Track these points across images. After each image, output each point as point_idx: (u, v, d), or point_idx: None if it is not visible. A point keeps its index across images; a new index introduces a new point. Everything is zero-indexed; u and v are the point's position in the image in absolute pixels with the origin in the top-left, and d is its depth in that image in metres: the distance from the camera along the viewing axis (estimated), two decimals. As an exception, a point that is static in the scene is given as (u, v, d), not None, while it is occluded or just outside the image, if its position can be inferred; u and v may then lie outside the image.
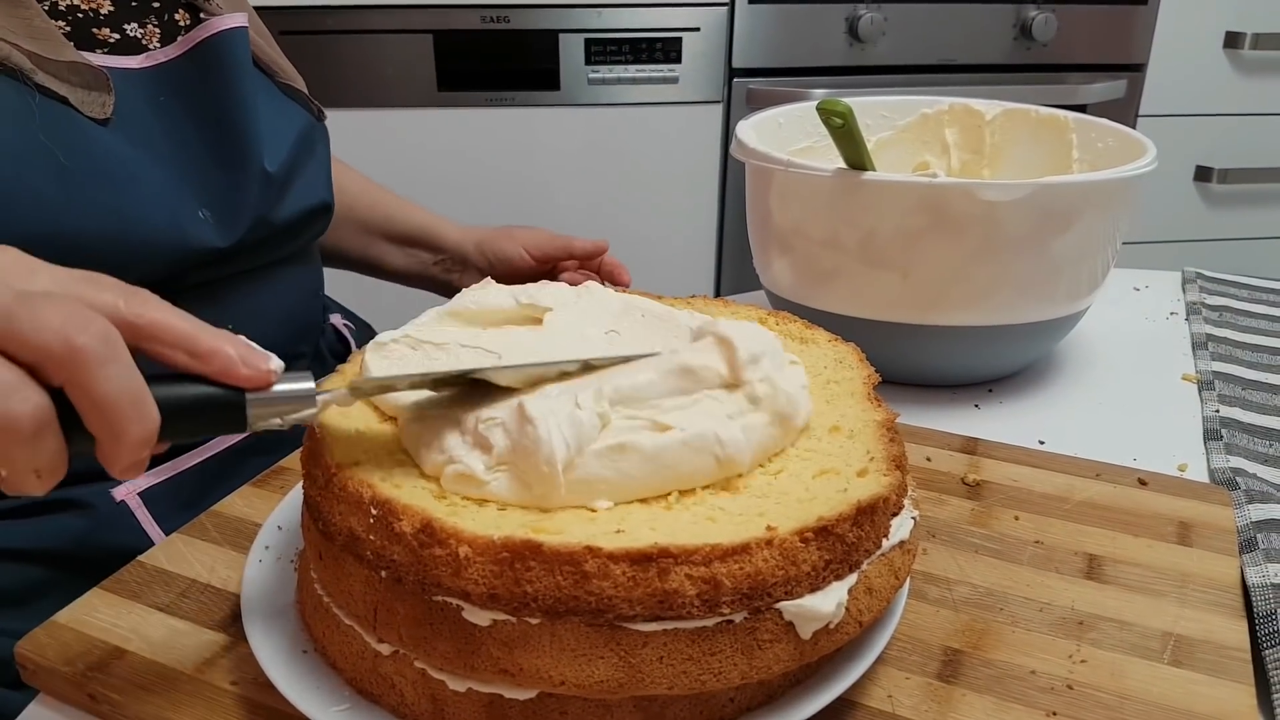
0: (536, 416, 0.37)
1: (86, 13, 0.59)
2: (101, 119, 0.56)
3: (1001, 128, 0.82)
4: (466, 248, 0.89)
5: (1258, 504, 0.55)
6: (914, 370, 0.71)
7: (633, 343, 0.46)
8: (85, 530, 0.57)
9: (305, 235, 0.70)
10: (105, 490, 0.57)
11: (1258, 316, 0.85)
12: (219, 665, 0.42)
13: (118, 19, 0.60)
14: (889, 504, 0.39)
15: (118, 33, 0.60)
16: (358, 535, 0.37)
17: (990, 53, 1.60)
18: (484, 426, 0.38)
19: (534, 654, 0.35)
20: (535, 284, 0.51)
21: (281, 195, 0.65)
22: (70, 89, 0.54)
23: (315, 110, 0.72)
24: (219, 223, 0.60)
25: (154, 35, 0.62)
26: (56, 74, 0.54)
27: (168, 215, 0.57)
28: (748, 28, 1.51)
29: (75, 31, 0.58)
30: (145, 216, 0.56)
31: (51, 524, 0.56)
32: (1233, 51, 1.68)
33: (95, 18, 0.59)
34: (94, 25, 0.59)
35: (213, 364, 0.34)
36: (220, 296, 0.63)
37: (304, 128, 0.68)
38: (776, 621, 0.36)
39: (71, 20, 0.58)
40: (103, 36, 0.59)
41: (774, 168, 0.68)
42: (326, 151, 0.73)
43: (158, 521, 0.58)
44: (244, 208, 0.61)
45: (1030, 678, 0.42)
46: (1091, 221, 0.66)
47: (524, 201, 1.57)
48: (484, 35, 1.46)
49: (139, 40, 0.61)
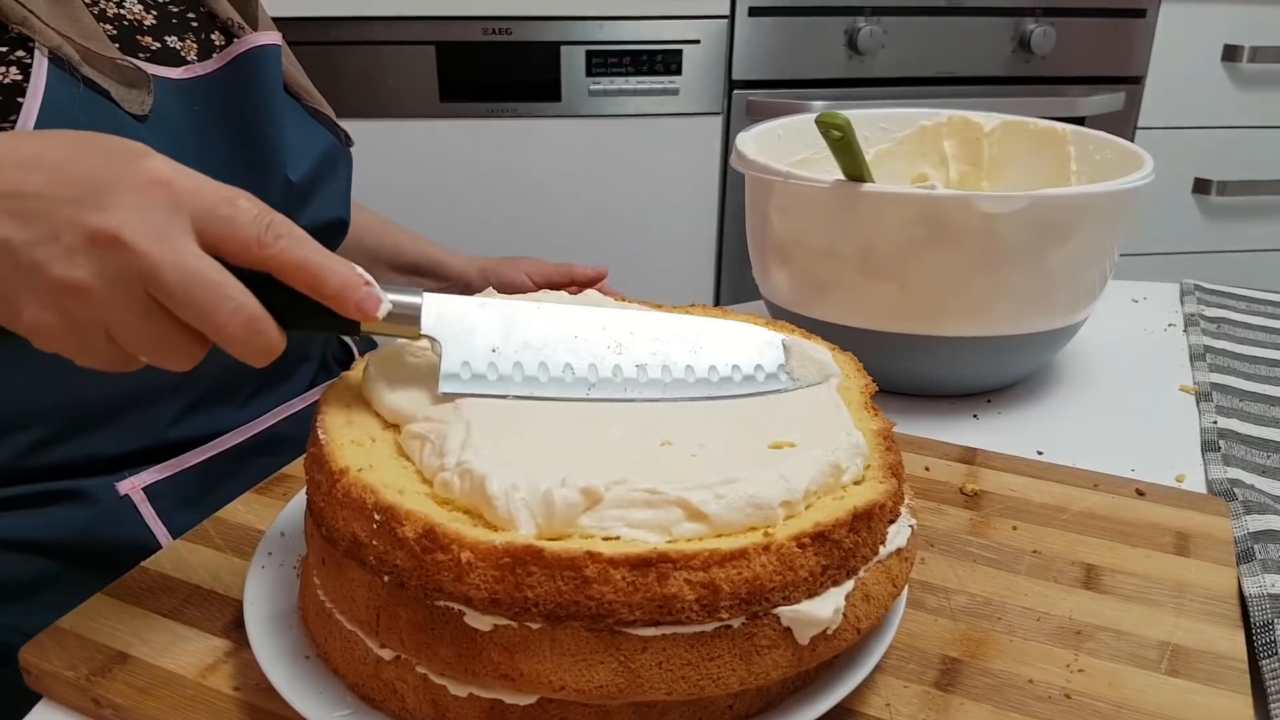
0: (496, 495, 0.36)
1: (132, 22, 0.61)
2: (140, 115, 0.57)
3: (1000, 140, 0.83)
4: (470, 275, 0.93)
5: (1255, 515, 0.55)
6: (913, 381, 0.71)
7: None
8: (89, 523, 0.57)
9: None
10: (109, 484, 0.58)
11: (1256, 328, 0.85)
12: (222, 671, 0.43)
13: (159, 31, 0.63)
14: (885, 510, 0.39)
15: (159, 42, 0.62)
16: (360, 541, 0.37)
17: (989, 65, 1.61)
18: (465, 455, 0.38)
19: (535, 659, 0.35)
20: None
21: (301, 206, 0.66)
22: (113, 84, 0.56)
23: (342, 136, 0.74)
24: None
25: (192, 49, 0.64)
26: (102, 69, 0.56)
27: None
28: (748, 40, 1.52)
29: (120, 35, 0.60)
30: None
31: (55, 516, 0.57)
32: (1231, 64, 1.68)
33: (139, 26, 0.61)
34: (138, 33, 0.61)
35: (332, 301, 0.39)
36: None
37: (328, 148, 0.70)
38: (774, 627, 0.36)
39: (118, 26, 0.60)
40: (145, 44, 0.61)
41: (773, 179, 0.69)
42: (348, 174, 0.75)
43: (161, 517, 0.59)
44: None
45: (1028, 687, 0.43)
46: (1089, 233, 0.66)
47: (525, 212, 1.57)
48: (486, 47, 1.47)
49: (178, 52, 0.63)
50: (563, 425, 0.41)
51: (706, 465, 0.38)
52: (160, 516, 0.59)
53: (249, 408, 0.66)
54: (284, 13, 1.38)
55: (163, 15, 0.63)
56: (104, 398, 0.58)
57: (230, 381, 0.64)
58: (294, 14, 1.39)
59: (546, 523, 0.35)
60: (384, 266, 0.93)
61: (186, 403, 0.62)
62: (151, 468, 0.60)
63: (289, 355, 0.69)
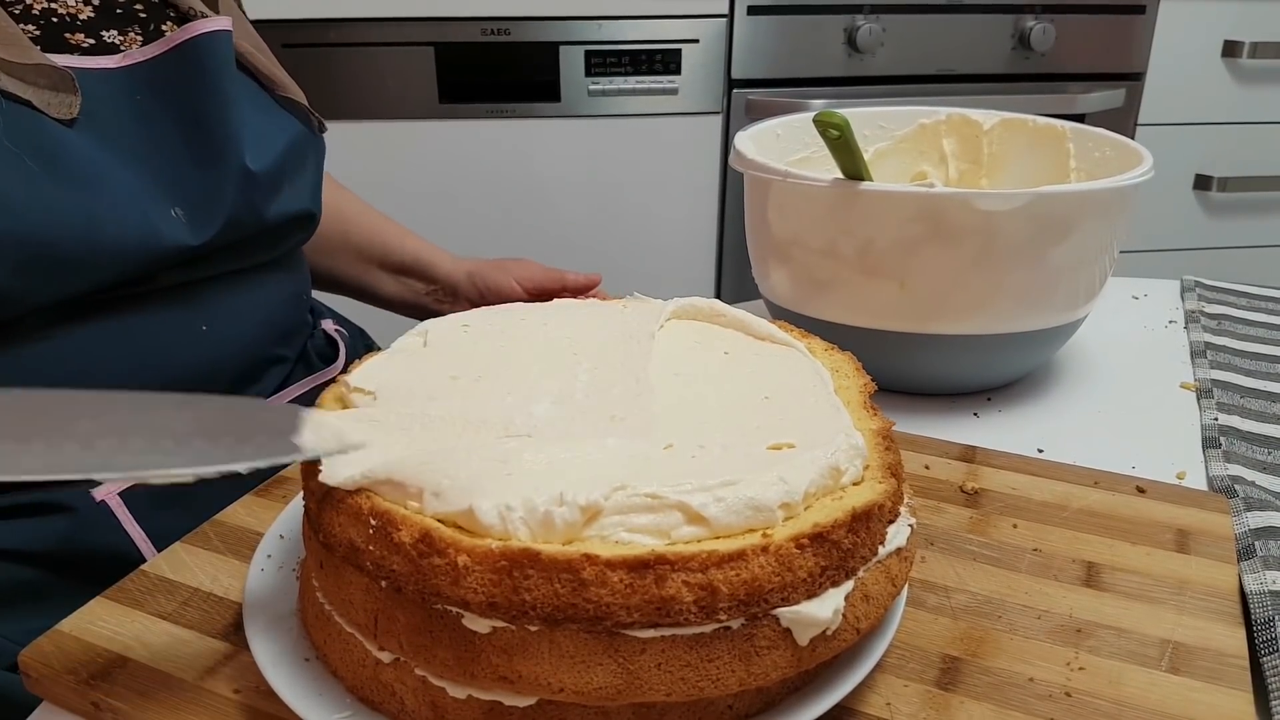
0: (491, 524, 0.35)
1: (63, 17, 0.59)
2: (67, 119, 0.56)
3: (999, 138, 0.83)
4: (458, 278, 0.91)
5: (1256, 511, 0.55)
6: (913, 379, 0.71)
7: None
8: (67, 531, 0.57)
9: (287, 241, 0.70)
10: (85, 492, 0.58)
11: (1256, 324, 0.85)
12: (221, 673, 0.43)
13: (96, 25, 0.60)
14: (884, 511, 0.39)
15: (93, 38, 0.60)
16: (357, 546, 0.37)
17: (989, 63, 1.61)
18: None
19: (533, 661, 0.35)
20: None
21: (265, 197, 0.64)
22: (35, 91, 0.54)
23: (316, 123, 0.72)
24: (191, 221, 0.60)
25: (135, 41, 0.61)
26: (22, 77, 0.54)
27: (138, 214, 0.57)
28: (747, 39, 1.52)
29: (45, 35, 0.58)
30: (115, 216, 0.56)
31: (33, 526, 0.56)
32: (1231, 60, 1.68)
33: (72, 23, 0.59)
34: (68, 30, 0.59)
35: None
36: (197, 297, 0.63)
37: (296, 137, 0.68)
38: (774, 628, 0.36)
39: (44, 24, 0.58)
40: (76, 41, 0.59)
41: (772, 178, 0.69)
42: (318, 164, 0.73)
43: (138, 521, 0.59)
44: (218, 205, 0.61)
45: (1028, 685, 0.43)
46: (1089, 231, 0.66)
47: (525, 212, 1.57)
48: (485, 48, 1.47)
49: (116, 45, 0.61)
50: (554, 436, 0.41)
51: (706, 468, 0.38)
52: (138, 520, 0.59)
53: None
54: (283, 15, 1.38)
55: (104, 6, 0.60)
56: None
57: (200, 391, 0.64)
58: (293, 16, 1.39)
59: (545, 537, 0.35)
60: (372, 264, 0.92)
61: None
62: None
63: (257, 358, 0.68)
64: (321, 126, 0.73)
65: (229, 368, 0.65)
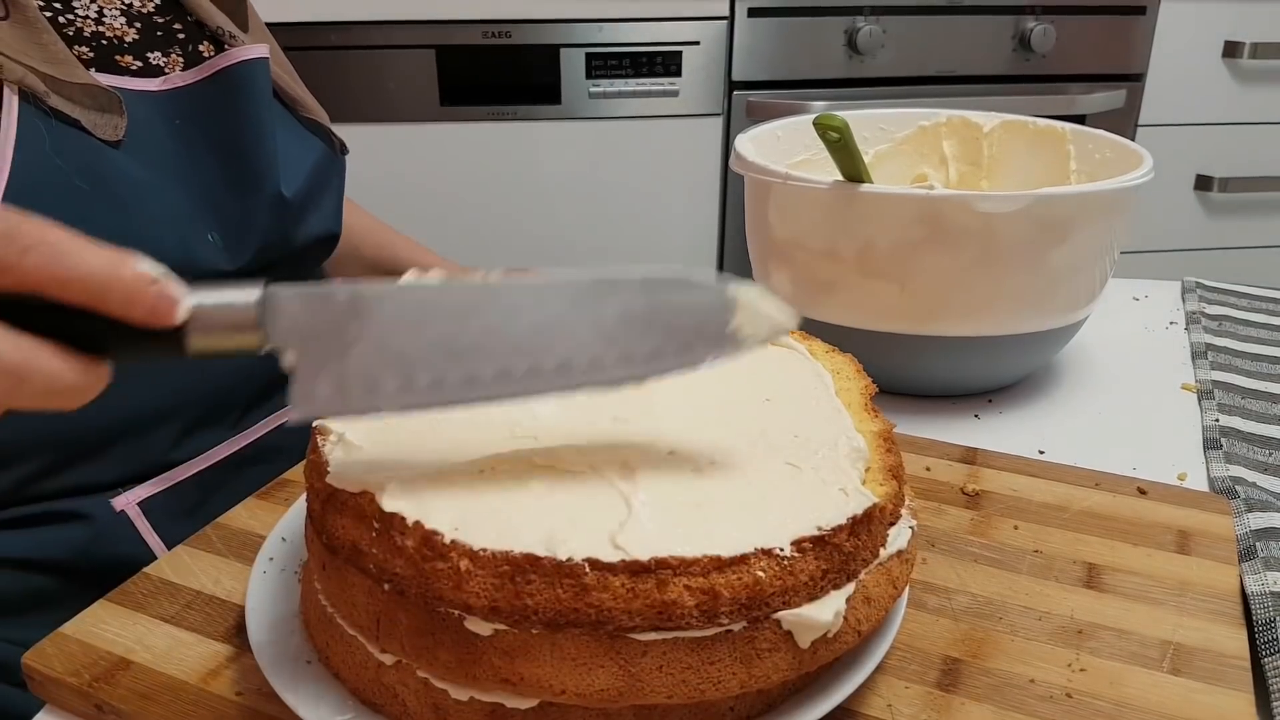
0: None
1: (111, 40, 0.60)
2: (113, 141, 0.56)
3: (999, 139, 0.83)
4: None
5: (1257, 512, 0.55)
6: (913, 381, 0.71)
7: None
8: (86, 540, 0.57)
9: (311, 262, 0.72)
10: (105, 501, 0.58)
11: (1257, 325, 0.85)
12: (224, 675, 0.43)
13: (141, 47, 0.61)
14: (885, 514, 0.39)
15: (140, 60, 0.61)
16: (360, 549, 0.37)
17: (989, 64, 1.61)
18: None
19: (535, 663, 0.35)
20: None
21: (295, 222, 0.66)
22: (83, 111, 0.55)
23: (337, 144, 0.73)
24: (227, 246, 0.61)
25: (177, 64, 0.62)
26: (71, 97, 0.55)
27: (176, 238, 0.58)
28: (747, 41, 1.52)
29: (98, 57, 0.59)
30: (153, 237, 0.56)
31: (52, 534, 0.57)
32: (1231, 61, 1.68)
33: (120, 45, 0.60)
34: (117, 52, 0.60)
35: (119, 313, 0.33)
36: None
37: (321, 159, 0.69)
38: (775, 631, 0.36)
39: (95, 46, 0.59)
40: (125, 63, 0.60)
41: (772, 180, 0.69)
42: (341, 184, 0.74)
43: (157, 531, 0.59)
44: (253, 232, 0.62)
45: (1029, 686, 0.43)
46: (1089, 232, 0.66)
47: (526, 215, 1.57)
48: (486, 50, 1.47)
49: (161, 67, 0.62)
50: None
51: (709, 519, 0.38)
52: (156, 530, 0.59)
53: (242, 424, 0.66)
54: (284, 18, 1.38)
55: (147, 28, 0.62)
56: (100, 428, 0.57)
57: (221, 403, 0.64)
58: (293, 19, 1.39)
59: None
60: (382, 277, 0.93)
61: (181, 426, 0.61)
62: (145, 483, 0.60)
63: (274, 374, 0.68)
64: (343, 149, 0.74)
65: (249, 385, 0.66)
